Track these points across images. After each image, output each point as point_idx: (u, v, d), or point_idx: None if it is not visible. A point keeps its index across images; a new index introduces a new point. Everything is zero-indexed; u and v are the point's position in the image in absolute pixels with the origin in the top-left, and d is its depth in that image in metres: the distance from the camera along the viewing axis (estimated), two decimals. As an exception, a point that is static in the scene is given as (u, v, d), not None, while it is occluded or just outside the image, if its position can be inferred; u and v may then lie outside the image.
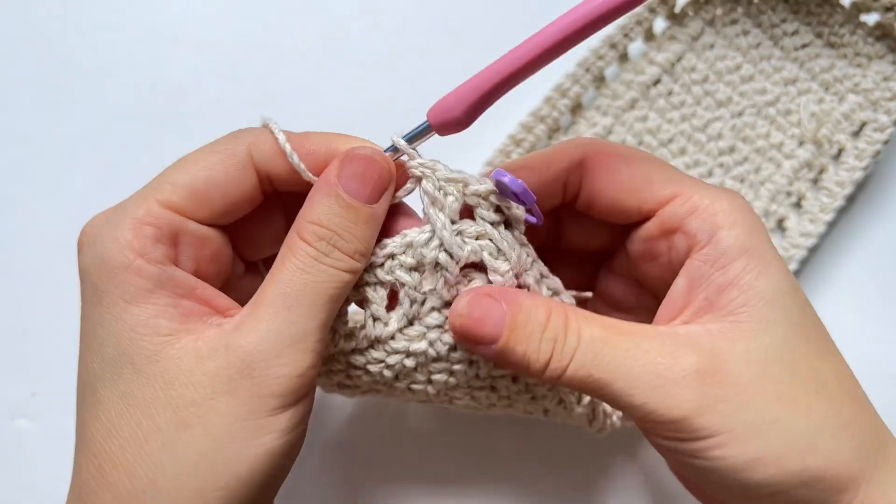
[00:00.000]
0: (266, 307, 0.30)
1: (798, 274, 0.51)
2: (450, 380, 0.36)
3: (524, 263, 0.34)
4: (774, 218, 0.51)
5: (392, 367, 0.35)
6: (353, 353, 0.35)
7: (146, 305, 0.30)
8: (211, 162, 0.32)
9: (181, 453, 0.29)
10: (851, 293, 0.52)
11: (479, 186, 0.33)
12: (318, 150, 0.33)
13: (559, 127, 0.51)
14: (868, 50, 0.51)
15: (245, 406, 0.29)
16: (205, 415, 0.29)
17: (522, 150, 0.50)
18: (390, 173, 0.33)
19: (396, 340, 0.34)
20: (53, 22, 0.52)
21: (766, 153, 0.51)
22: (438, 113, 0.33)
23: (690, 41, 0.51)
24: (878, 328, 0.51)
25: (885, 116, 0.50)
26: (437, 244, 0.33)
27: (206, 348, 0.30)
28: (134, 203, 0.31)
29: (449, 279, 0.33)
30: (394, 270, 0.34)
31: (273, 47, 0.52)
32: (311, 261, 0.31)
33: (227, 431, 0.29)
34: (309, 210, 0.32)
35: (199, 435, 0.29)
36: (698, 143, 0.51)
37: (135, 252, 0.30)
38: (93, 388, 0.31)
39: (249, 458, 0.29)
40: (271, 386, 0.29)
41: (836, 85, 0.52)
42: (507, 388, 0.37)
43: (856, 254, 0.52)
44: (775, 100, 0.51)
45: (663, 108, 0.51)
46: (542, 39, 0.31)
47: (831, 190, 0.50)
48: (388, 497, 0.49)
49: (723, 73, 0.51)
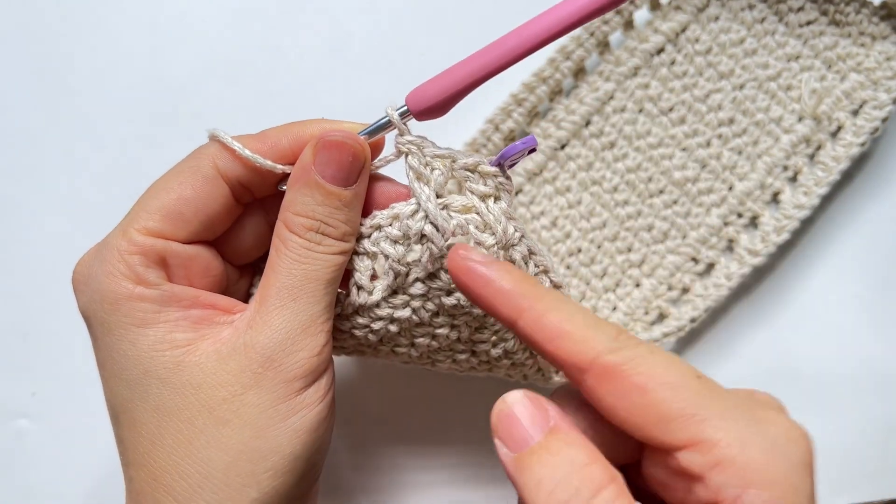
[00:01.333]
0: (273, 301, 0.32)
1: (791, 245, 0.51)
2: (432, 343, 0.37)
3: (511, 238, 0.34)
4: (770, 191, 0.51)
5: (377, 332, 0.36)
6: (339, 318, 0.36)
7: (158, 325, 0.32)
8: (178, 182, 0.34)
9: (226, 446, 0.31)
10: (846, 275, 0.52)
11: (467, 160, 0.34)
12: (280, 142, 0.35)
13: (561, 89, 0.52)
14: (872, 29, 0.51)
15: (273, 393, 0.32)
16: (238, 409, 0.31)
17: (524, 109, 0.50)
18: (363, 152, 0.34)
19: (381, 308, 0.35)
20: (53, 22, 0.52)
21: (765, 126, 0.52)
22: (417, 100, 0.34)
23: (696, 12, 0.52)
24: (872, 303, 0.52)
25: (884, 94, 0.50)
26: (422, 216, 0.33)
27: (226, 349, 0.32)
28: (115, 237, 0.33)
29: (434, 252, 0.33)
30: (379, 242, 0.34)
31: (273, 47, 0.52)
32: (305, 251, 0.33)
33: (262, 418, 0.31)
34: (292, 202, 0.33)
35: (238, 427, 0.31)
36: (698, 112, 0.51)
37: (132, 281, 0.32)
38: (125, 409, 0.32)
39: (288, 436, 0.32)
40: (294, 370, 0.32)
41: (838, 63, 0.52)
42: (487, 354, 0.38)
43: (851, 232, 0.53)
44: (777, 74, 0.52)
45: (665, 76, 0.52)
46: (526, 37, 0.32)
47: (827, 165, 0.50)
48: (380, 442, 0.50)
49: (726, 45, 0.52)
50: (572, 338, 0.28)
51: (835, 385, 0.52)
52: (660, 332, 0.48)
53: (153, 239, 0.33)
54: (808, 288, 0.52)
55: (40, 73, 0.52)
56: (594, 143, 0.51)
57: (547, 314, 0.28)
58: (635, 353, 0.27)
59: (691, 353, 0.52)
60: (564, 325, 0.28)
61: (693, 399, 0.27)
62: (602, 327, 0.28)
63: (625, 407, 0.27)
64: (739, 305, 0.52)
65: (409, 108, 0.34)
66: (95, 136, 0.51)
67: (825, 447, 0.51)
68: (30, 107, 0.51)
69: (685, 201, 0.51)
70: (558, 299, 0.29)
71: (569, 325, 0.28)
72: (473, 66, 0.33)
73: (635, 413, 0.27)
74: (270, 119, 0.52)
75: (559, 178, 0.51)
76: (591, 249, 0.51)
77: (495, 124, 0.50)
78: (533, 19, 0.32)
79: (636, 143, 0.51)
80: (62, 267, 0.48)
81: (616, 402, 0.27)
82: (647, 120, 0.51)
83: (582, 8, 0.30)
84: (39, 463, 0.49)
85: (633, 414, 0.27)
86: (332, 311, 0.34)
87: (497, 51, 0.32)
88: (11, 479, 0.49)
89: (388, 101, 0.51)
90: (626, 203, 0.51)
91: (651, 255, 0.51)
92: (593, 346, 0.27)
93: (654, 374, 0.27)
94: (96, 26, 0.52)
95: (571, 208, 0.51)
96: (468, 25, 0.53)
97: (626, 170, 0.51)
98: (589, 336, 0.28)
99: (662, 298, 0.51)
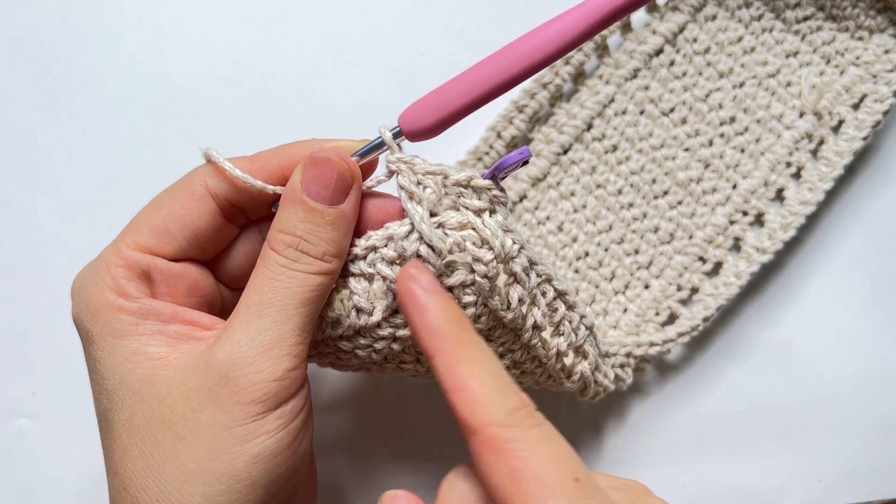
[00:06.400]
0: (238, 318, 0.32)
1: (797, 242, 0.51)
2: None
3: (510, 251, 0.34)
4: (774, 188, 0.51)
5: (380, 352, 0.35)
6: (341, 340, 0.36)
7: (134, 337, 0.32)
8: (167, 199, 0.34)
9: (181, 464, 0.30)
10: (847, 273, 0.52)
11: (459, 175, 0.33)
12: (270, 164, 0.35)
13: (562, 94, 0.52)
14: (869, 23, 0.52)
15: (229, 414, 0.30)
16: (194, 427, 0.31)
17: (525, 115, 0.50)
18: (349, 171, 0.34)
19: (382, 328, 0.35)
20: (53, 22, 0.52)
21: (767, 124, 0.52)
22: (410, 122, 0.33)
23: (693, 12, 0.52)
24: (873, 302, 0.52)
25: (885, 87, 0.50)
26: (417, 237, 0.33)
27: (191, 364, 0.31)
28: (107, 250, 0.34)
29: (431, 272, 0.32)
30: (375, 263, 0.34)
31: (273, 47, 0.52)
32: (279, 268, 0.32)
33: (215, 440, 0.30)
34: (276, 219, 0.33)
35: (193, 445, 0.30)
36: (699, 112, 0.51)
37: (114, 293, 0.32)
38: (104, 417, 0.33)
39: (244, 461, 0.30)
40: (250, 393, 0.31)
41: (837, 57, 0.52)
42: None
43: (853, 231, 0.53)
44: (776, 71, 0.52)
45: (665, 77, 0.52)
46: (525, 54, 0.31)
47: (830, 160, 0.50)
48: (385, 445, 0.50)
49: (724, 44, 0.52)
50: (472, 397, 0.27)
51: (835, 385, 0.51)
52: (674, 332, 0.48)
53: (139, 254, 0.33)
54: (809, 285, 0.52)
55: (40, 73, 0.52)
56: (597, 146, 0.51)
57: (459, 365, 0.28)
58: (524, 436, 0.27)
59: (691, 352, 0.52)
60: (470, 382, 0.27)
61: (558, 501, 0.26)
62: (508, 398, 0.27)
63: (496, 483, 0.26)
64: (739, 304, 0.52)
65: (402, 129, 0.34)
66: (95, 136, 0.51)
67: (825, 447, 0.51)
68: (30, 107, 0.51)
69: (690, 201, 0.51)
70: (480, 354, 0.28)
71: (475, 383, 0.27)
72: (468, 87, 0.32)
73: (504, 493, 0.26)
74: (270, 119, 0.52)
75: (563, 183, 0.51)
76: (599, 252, 0.51)
77: (497, 131, 0.50)
78: (535, 30, 0.31)
79: (639, 144, 0.51)
80: (62, 267, 0.49)
81: (491, 474, 0.26)
82: (648, 121, 0.51)
83: (586, 19, 0.29)
84: (39, 463, 0.49)
85: (502, 492, 0.26)
86: (305, 336, 0.32)
87: (496, 69, 0.31)
88: (11, 479, 0.49)
89: (388, 100, 0.51)
90: (632, 205, 0.51)
91: (658, 256, 0.51)
92: (489, 412, 0.27)
93: (530, 464, 0.26)
94: (96, 26, 0.52)
95: (577, 212, 0.51)
96: (469, 26, 0.53)
97: (629, 172, 0.51)
98: (490, 402, 0.27)
99: (672, 299, 0.51)
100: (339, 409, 0.50)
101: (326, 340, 0.36)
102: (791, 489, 0.51)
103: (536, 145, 0.51)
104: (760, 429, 0.51)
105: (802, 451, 0.51)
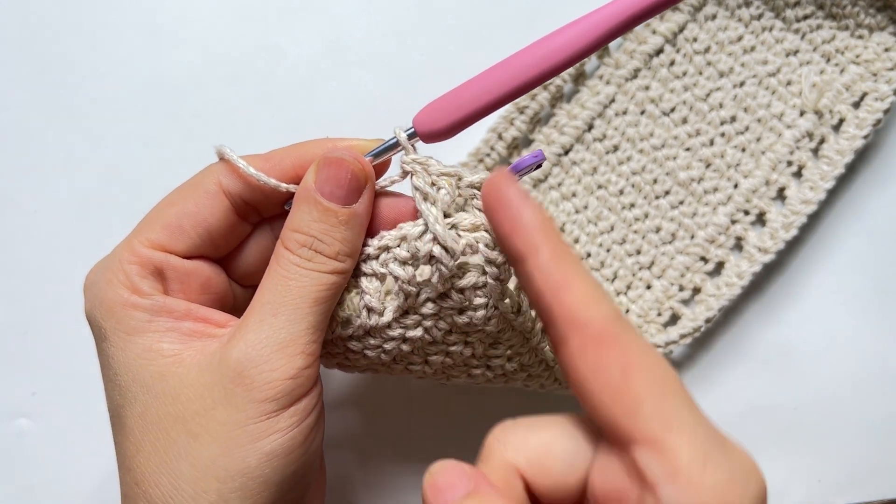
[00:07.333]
0: (253, 316, 0.32)
1: (798, 242, 0.51)
2: (446, 360, 0.36)
3: None
4: (775, 187, 0.51)
5: (389, 352, 0.35)
6: (351, 339, 0.36)
7: (147, 334, 0.32)
8: (180, 196, 0.34)
9: (195, 460, 0.31)
10: (847, 272, 0.52)
11: (474, 177, 0.33)
12: (284, 162, 0.35)
13: (562, 94, 0.51)
14: (869, 21, 0.52)
15: (243, 412, 0.31)
16: (208, 424, 0.31)
17: (526, 116, 0.50)
18: (363, 171, 0.34)
19: (392, 329, 0.35)
20: (53, 22, 0.52)
21: (768, 123, 0.51)
22: (425, 123, 0.33)
23: (693, 11, 0.52)
24: (873, 301, 0.52)
25: (885, 86, 0.50)
26: (430, 237, 0.33)
27: (205, 361, 0.32)
28: (120, 247, 0.34)
29: (444, 272, 0.33)
30: (388, 263, 0.34)
31: (273, 47, 0.52)
32: (294, 267, 0.32)
33: (229, 437, 0.31)
34: (290, 218, 0.33)
35: (207, 442, 0.31)
36: (700, 112, 0.51)
37: (127, 289, 0.33)
38: (117, 414, 0.33)
39: (257, 458, 0.31)
40: (265, 391, 0.31)
41: (837, 56, 0.52)
42: (503, 368, 0.38)
43: (856, 226, 0.53)
44: (777, 70, 0.52)
45: (665, 77, 0.52)
46: (544, 57, 0.31)
47: (831, 158, 0.50)
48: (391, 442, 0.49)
49: (724, 43, 0.52)
50: (578, 293, 0.26)
51: (835, 385, 0.51)
52: (676, 333, 0.48)
53: (152, 251, 0.33)
54: (811, 285, 0.52)
55: (40, 72, 0.51)
56: (598, 147, 0.51)
57: (563, 261, 0.26)
58: (634, 337, 0.26)
59: (691, 351, 0.52)
60: (574, 279, 0.26)
61: (672, 401, 0.25)
62: (610, 301, 0.26)
63: (599, 382, 0.25)
64: (740, 304, 0.52)
65: (416, 131, 0.34)
66: (95, 136, 0.51)
67: (825, 447, 0.51)
68: (30, 107, 0.51)
69: (691, 201, 0.51)
70: (577, 256, 0.28)
71: (579, 279, 0.26)
72: (487, 89, 0.31)
73: (608, 391, 0.25)
74: (270, 119, 0.52)
75: (564, 184, 0.51)
76: (601, 253, 0.51)
77: (498, 133, 0.50)
78: (556, 32, 0.30)
79: (639, 145, 0.51)
80: (62, 267, 0.49)
81: (592, 373, 0.25)
82: (649, 121, 0.51)
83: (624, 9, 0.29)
84: (39, 463, 0.49)
85: (605, 391, 0.25)
86: (318, 334, 0.33)
87: (515, 71, 0.31)
88: (11, 479, 0.49)
89: (388, 100, 0.51)
90: (633, 205, 0.51)
91: (660, 256, 0.51)
92: (597, 309, 0.26)
93: (643, 363, 0.25)
94: (96, 26, 0.52)
95: (578, 213, 0.51)
96: (469, 26, 0.52)
97: (630, 172, 0.51)
98: (595, 300, 0.26)
99: (674, 299, 0.50)
100: (345, 409, 0.50)
101: (336, 340, 0.36)
102: (791, 489, 0.51)
103: (537, 146, 0.51)
104: (761, 429, 0.51)
105: (802, 451, 0.51)
